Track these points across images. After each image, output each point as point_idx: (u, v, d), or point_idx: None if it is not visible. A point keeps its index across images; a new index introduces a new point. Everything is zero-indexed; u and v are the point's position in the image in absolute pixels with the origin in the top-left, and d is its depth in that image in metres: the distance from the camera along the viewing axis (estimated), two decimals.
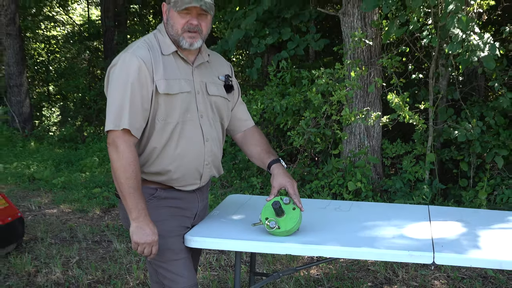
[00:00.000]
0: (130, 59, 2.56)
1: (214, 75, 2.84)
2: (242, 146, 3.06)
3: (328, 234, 2.74)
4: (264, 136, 3.06)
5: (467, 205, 6.28)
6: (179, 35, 2.63)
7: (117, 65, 2.59)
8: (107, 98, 2.60)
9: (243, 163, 8.01)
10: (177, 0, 2.57)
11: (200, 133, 2.72)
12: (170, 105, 2.62)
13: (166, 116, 2.62)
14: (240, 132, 3.04)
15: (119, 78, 2.56)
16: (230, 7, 9.96)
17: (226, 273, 4.88)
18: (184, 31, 2.62)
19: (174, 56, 2.69)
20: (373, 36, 6.87)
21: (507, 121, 6.71)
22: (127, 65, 2.56)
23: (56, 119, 18.05)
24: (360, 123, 6.85)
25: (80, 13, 21.77)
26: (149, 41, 2.67)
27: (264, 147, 2.97)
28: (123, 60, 2.58)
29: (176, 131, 2.65)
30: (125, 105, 2.53)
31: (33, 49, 18.76)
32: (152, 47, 2.64)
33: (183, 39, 2.63)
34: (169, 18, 2.65)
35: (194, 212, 2.87)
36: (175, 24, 2.63)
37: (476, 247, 2.57)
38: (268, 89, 7.67)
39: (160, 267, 2.74)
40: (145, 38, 2.71)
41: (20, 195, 7.76)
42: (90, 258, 5.30)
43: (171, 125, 2.63)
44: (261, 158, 2.94)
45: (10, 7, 12.91)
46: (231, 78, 2.93)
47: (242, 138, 3.04)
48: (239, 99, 3.02)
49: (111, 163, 2.57)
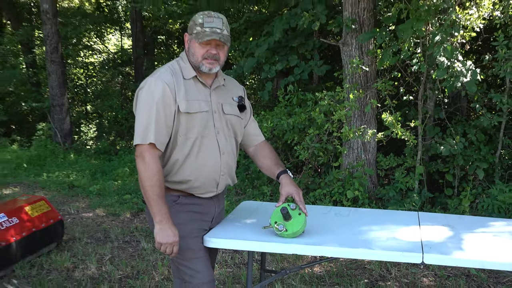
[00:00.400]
0: (156, 82, 2.59)
1: (229, 97, 2.86)
2: (254, 158, 3.06)
3: (330, 236, 2.73)
4: (273, 150, 3.06)
5: (452, 212, 6.25)
6: (199, 62, 2.66)
7: (144, 88, 2.62)
8: (136, 116, 2.63)
9: (255, 174, 8.01)
10: (199, 33, 2.61)
11: (217, 147, 2.73)
12: (190, 123, 2.64)
13: (187, 132, 2.64)
14: (252, 146, 3.05)
15: (146, 99, 2.59)
16: (244, 38, 10.02)
17: (239, 270, 4.86)
18: (204, 59, 2.65)
19: (194, 80, 2.71)
20: (369, 63, 6.87)
21: (487, 138, 6.71)
22: (153, 88, 2.59)
23: (92, 134, 18.11)
24: (358, 139, 6.84)
25: (114, 43, 21.90)
26: (173, 67, 2.70)
27: (274, 159, 2.97)
28: (149, 83, 2.61)
29: (196, 145, 2.66)
30: (151, 122, 2.55)
31: (73, 73, 18.86)
32: (175, 72, 2.67)
33: (203, 65, 2.66)
34: (191, 47, 2.68)
35: (211, 216, 2.87)
36: (196, 52, 2.65)
37: (461, 248, 2.56)
38: (277, 110, 7.68)
39: (181, 264, 2.74)
40: (169, 65, 2.73)
41: (61, 200, 7.78)
42: (121, 256, 5.30)
43: (191, 140, 2.65)
44: (271, 169, 2.94)
45: (54, 37, 13.01)
46: (243, 99, 2.94)
47: (254, 152, 3.05)
48: (251, 117, 3.03)
49: (139, 173, 2.58)
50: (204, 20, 2.60)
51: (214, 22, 2.61)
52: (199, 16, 2.63)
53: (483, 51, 7.75)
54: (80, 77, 19.06)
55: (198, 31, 2.61)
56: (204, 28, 2.60)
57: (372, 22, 6.91)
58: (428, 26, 6.27)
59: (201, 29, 2.61)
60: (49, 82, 13.34)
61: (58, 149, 12.77)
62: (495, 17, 6.23)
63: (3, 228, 4.72)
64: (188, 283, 2.73)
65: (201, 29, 2.61)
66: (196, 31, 2.63)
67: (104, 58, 19.92)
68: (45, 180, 9.24)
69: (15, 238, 4.79)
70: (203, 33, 2.60)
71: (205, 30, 2.60)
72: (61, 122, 13.36)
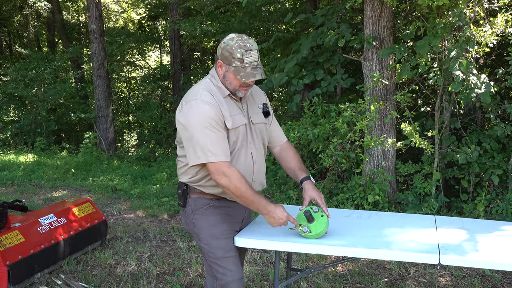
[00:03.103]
0: (203, 105, 2.54)
1: (255, 106, 2.83)
2: (279, 159, 3.05)
3: (352, 237, 2.71)
4: (296, 153, 3.05)
5: (467, 216, 6.16)
6: (235, 90, 2.63)
7: (192, 112, 2.56)
8: (193, 139, 2.56)
9: (282, 179, 7.99)
10: (239, 68, 2.54)
11: (251, 157, 2.73)
12: (234, 136, 2.64)
13: (232, 145, 2.64)
14: (277, 147, 3.03)
15: (199, 124, 2.53)
16: (273, 55, 10.05)
17: (267, 268, 4.84)
18: (241, 87, 2.62)
19: (229, 96, 2.68)
20: (389, 77, 6.81)
21: (500, 146, 6.59)
22: (202, 111, 2.53)
23: (134, 142, 18.34)
24: (378, 148, 6.78)
25: (154, 59, 22.17)
26: (209, 88, 2.64)
27: (297, 164, 2.98)
28: (196, 108, 2.55)
29: (235, 155, 2.66)
30: (214, 141, 2.54)
31: (117, 87, 19.13)
32: (213, 92, 2.62)
33: (239, 92, 2.64)
34: (227, 76, 2.62)
35: (241, 218, 2.87)
36: (233, 83, 2.61)
37: (476, 250, 2.51)
38: (303, 120, 7.66)
39: (213, 262, 2.74)
40: (205, 86, 2.65)
41: (105, 202, 7.86)
42: (159, 254, 5.32)
43: (233, 152, 2.65)
44: (295, 174, 2.95)
45: (100, 55, 13.20)
46: (267, 104, 2.91)
47: (279, 153, 3.03)
48: (273, 120, 3.00)
49: (227, 188, 2.56)
50: (243, 56, 2.53)
51: (252, 56, 2.54)
52: (237, 49, 2.54)
53: (497, 65, 7.65)
54: (123, 90, 19.34)
55: (238, 65, 2.54)
56: (244, 63, 2.53)
57: (392, 38, 6.86)
58: (444, 42, 6.19)
59: (241, 64, 2.54)
60: (95, 95, 13.54)
61: (103, 155, 12.93)
62: (507, 34, 6.14)
63: (52, 228, 4.79)
64: (220, 280, 2.73)
65: (240, 64, 2.54)
66: (235, 65, 2.55)
67: (145, 73, 20.19)
68: (91, 184, 9.35)
69: (63, 237, 4.85)
70: (244, 70, 2.54)
71: (245, 66, 2.54)
72: (106, 131, 13.53)
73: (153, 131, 16.15)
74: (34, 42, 20.53)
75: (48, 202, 7.75)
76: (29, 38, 20.10)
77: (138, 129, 18.32)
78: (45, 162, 11.76)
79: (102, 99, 13.43)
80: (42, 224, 4.72)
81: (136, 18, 21.11)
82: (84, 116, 15.75)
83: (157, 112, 16.81)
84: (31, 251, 4.40)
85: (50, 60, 16.99)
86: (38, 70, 15.98)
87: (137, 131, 18.45)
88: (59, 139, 16.47)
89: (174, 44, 15.54)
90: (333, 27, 7.81)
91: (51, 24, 19.16)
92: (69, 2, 20.95)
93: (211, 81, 2.68)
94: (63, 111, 16.88)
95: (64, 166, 11.12)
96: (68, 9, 20.77)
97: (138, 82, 19.47)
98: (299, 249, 2.64)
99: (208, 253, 2.74)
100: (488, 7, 6.56)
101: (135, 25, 21.10)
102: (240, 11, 11.61)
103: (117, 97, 18.23)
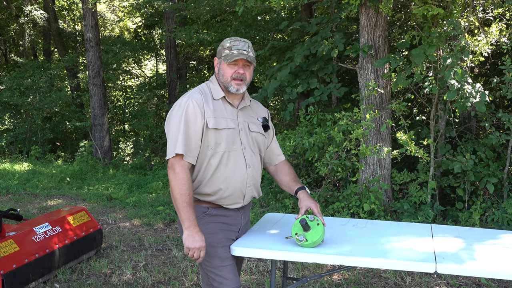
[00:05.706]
0: (186, 101, 2.67)
1: (254, 117, 2.90)
2: (274, 175, 3.11)
3: (348, 246, 2.70)
4: (292, 168, 3.11)
5: (463, 224, 6.17)
6: (228, 82, 2.72)
7: (175, 107, 2.70)
8: (167, 133, 2.70)
9: (278, 188, 7.98)
10: (227, 55, 2.69)
11: (244, 161, 2.76)
12: (218, 138, 2.69)
13: (215, 146, 2.68)
14: (273, 165, 3.09)
15: (176, 116, 2.66)
16: (268, 63, 10.07)
17: (263, 277, 4.83)
18: (232, 79, 2.71)
19: (222, 100, 2.78)
20: (384, 86, 6.83)
21: (495, 155, 6.61)
22: (183, 106, 2.66)
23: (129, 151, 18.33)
24: (374, 156, 6.79)
25: (150, 68, 22.21)
26: (202, 89, 2.78)
27: (292, 176, 3.02)
28: (180, 103, 2.70)
29: (224, 158, 2.70)
30: (180, 135, 2.61)
31: (113, 96, 19.15)
32: (204, 93, 2.75)
33: (231, 85, 2.72)
34: (220, 69, 2.75)
35: (238, 227, 2.87)
36: (225, 73, 2.72)
37: (472, 259, 2.51)
38: (299, 129, 7.67)
39: (210, 271, 2.73)
40: (200, 86, 2.82)
41: (100, 211, 7.84)
42: (154, 263, 5.30)
43: (219, 154, 2.69)
44: (290, 185, 2.99)
45: (96, 63, 13.23)
46: (267, 120, 2.98)
47: (275, 170, 3.10)
48: (273, 138, 3.06)
49: (170, 183, 2.63)
50: (231, 44, 2.70)
51: (240, 45, 2.70)
52: (227, 41, 2.74)
53: (491, 74, 7.69)
54: (119, 99, 19.34)
55: (227, 53, 2.70)
56: (232, 50, 2.68)
57: (387, 48, 6.89)
58: (439, 51, 6.23)
59: (229, 51, 2.69)
60: (91, 103, 13.54)
61: (98, 164, 12.91)
62: (502, 43, 6.18)
63: (47, 237, 4.76)
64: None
65: (229, 52, 2.69)
66: (224, 54, 2.71)
67: (141, 82, 20.22)
68: (86, 192, 9.33)
69: (58, 246, 4.82)
70: (231, 54, 2.68)
71: (233, 52, 2.68)
72: (101, 139, 13.53)
73: (148, 140, 16.16)
74: (30, 51, 20.53)
75: (43, 211, 7.72)
76: (24, 46, 20.09)
77: (134, 138, 18.31)
78: (40, 171, 11.72)
79: (97, 107, 13.43)
80: (37, 233, 4.70)
81: (132, 27, 21.16)
82: (79, 124, 15.73)
83: (153, 121, 16.83)
84: (25, 260, 4.38)
85: (45, 69, 17.01)
86: (34, 78, 15.99)
87: (132, 139, 18.44)
88: (55, 148, 16.44)
89: (170, 53, 15.59)
90: (327, 36, 7.83)
91: (47, 32, 19.18)
92: (65, 11, 21.01)
93: (208, 84, 2.83)
94: (59, 119, 16.88)
95: (59, 174, 11.08)
96: (64, 18, 20.81)
97: (134, 90, 19.49)
98: (295, 258, 2.63)
99: (204, 262, 2.74)
100: (483, 16, 6.62)
101: (131, 34, 21.15)
102: (236, 20, 11.67)
103: (113, 106, 18.23)
